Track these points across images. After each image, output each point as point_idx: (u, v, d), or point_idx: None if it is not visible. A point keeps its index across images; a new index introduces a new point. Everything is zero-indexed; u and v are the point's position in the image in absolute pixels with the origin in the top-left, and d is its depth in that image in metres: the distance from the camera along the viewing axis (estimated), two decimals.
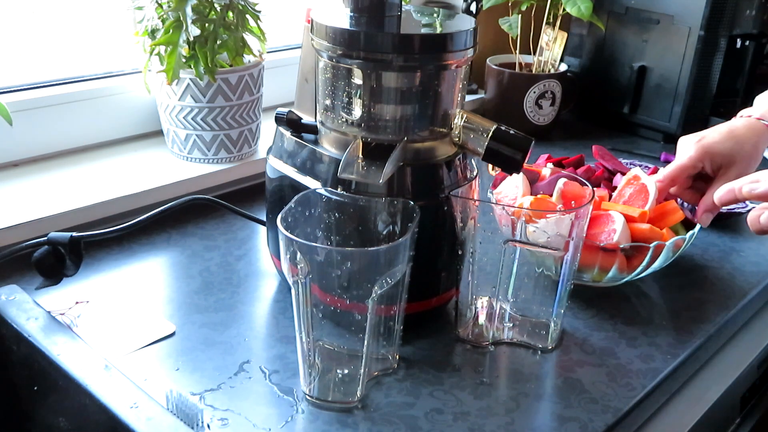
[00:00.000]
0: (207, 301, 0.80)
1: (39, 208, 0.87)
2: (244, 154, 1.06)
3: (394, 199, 0.69)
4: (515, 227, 0.71)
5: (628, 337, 0.78)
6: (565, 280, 0.73)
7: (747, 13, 1.30)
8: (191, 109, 0.99)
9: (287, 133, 0.78)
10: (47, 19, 1.03)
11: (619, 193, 0.90)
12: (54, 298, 0.78)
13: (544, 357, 0.74)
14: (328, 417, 0.65)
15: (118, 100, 1.07)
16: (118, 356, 0.70)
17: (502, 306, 0.75)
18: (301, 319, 0.64)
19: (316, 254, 0.61)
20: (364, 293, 0.62)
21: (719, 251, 0.97)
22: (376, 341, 0.67)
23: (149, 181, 0.97)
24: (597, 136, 1.37)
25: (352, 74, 0.69)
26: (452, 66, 0.70)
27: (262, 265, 0.88)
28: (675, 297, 0.86)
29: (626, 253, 0.81)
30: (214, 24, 0.95)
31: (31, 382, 0.71)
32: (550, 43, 1.36)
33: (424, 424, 0.64)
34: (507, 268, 0.73)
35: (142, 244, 0.92)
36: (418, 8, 0.80)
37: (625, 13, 1.38)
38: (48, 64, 1.03)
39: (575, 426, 0.65)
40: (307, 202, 0.69)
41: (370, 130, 0.71)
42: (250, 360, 0.71)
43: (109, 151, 1.06)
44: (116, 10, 1.07)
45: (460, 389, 0.69)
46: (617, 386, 0.70)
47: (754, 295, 0.88)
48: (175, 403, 0.61)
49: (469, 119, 0.72)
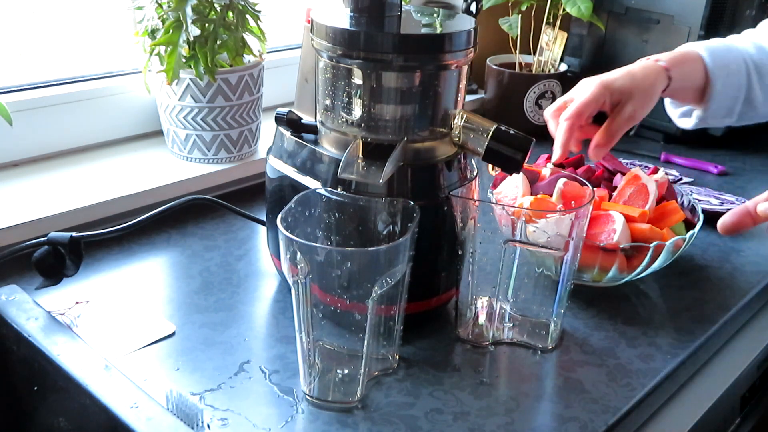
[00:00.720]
0: (207, 301, 0.80)
1: (39, 208, 0.87)
2: (244, 154, 1.06)
3: (394, 199, 0.69)
4: (515, 227, 0.71)
5: (628, 337, 0.78)
6: (565, 280, 0.73)
7: (747, 13, 1.30)
8: (191, 109, 0.99)
9: (287, 133, 0.78)
10: (47, 19, 1.03)
11: (619, 193, 0.90)
12: (54, 298, 0.78)
13: (544, 357, 0.74)
14: (328, 417, 0.65)
15: (118, 100, 1.07)
16: (118, 356, 0.70)
17: (502, 306, 0.75)
18: (301, 319, 0.64)
19: (316, 254, 0.61)
20: (364, 293, 0.62)
21: (719, 251, 0.97)
22: (376, 341, 0.67)
23: (149, 181, 0.97)
24: None
25: (352, 74, 0.69)
26: (452, 66, 0.70)
27: (262, 265, 0.88)
28: (675, 297, 0.86)
29: (626, 253, 0.81)
30: (214, 24, 0.95)
31: (31, 382, 0.71)
32: (550, 43, 1.36)
33: (424, 424, 0.64)
34: (507, 268, 0.73)
35: (142, 244, 0.92)
36: (418, 8, 0.80)
37: (625, 13, 1.38)
38: (48, 64, 1.03)
39: (575, 426, 0.65)
40: (307, 202, 0.69)
41: (370, 130, 0.71)
42: (250, 360, 0.71)
43: (109, 151, 1.06)
44: (116, 10, 1.07)
45: (460, 389, 0.69)
46: (617, 386, 0.70)
47: (754, 295, 0.88)
48: (175, 403, 0.61)
49: (469, 119, 0.72)
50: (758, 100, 0.91)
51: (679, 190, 0.95)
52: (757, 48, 0.91)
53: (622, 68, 0.85)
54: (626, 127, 0.82)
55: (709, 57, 0.87)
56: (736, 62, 0.89)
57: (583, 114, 0.82)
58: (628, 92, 0.81)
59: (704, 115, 0.90)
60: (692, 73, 0.87)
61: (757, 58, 0.90)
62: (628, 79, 0.82)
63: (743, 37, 0.93)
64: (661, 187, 0.90)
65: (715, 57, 0.88)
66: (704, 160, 1.26)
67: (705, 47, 0.89)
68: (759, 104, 0.91)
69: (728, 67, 0.88)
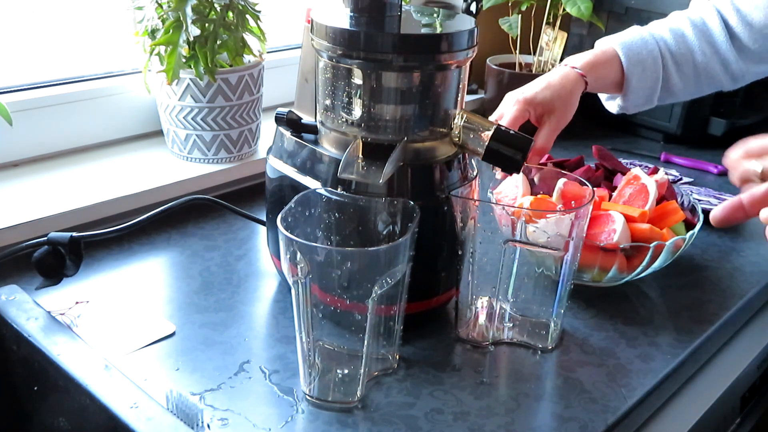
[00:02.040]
0: (207, 301, 0.80)
1: (39, 208, 0.87)
2: (244, 154, 1.06)
3: (394, 199, 0.69)
4: (515, 227, 0.71)
5: (628, 337, 0.78)
6: (565, 280, 0.73)
7: None
8: (191, 109, 0.99)
9: (287, 133, 0.78)
10: (47, 19, 1.03)
11: (619, 193, 0.90)
12: (54, 298, 0.78)
13: (544, 357, 0.74)
14: (328, 417, 0.65)
15: (118, 100, 1.07)
16: (118, 356, 0.70)
17: (502, 306, 0.75)
18: (301, 319, 0.64)
19: (316, 254, 0.61)
20: (364, 293, 0.62)
21: (719, 251, 0.97)
22: (376, 341, 0.67)
23: (149, 181, 0.97)
24: (597, 136, 1.37)
25: (352, 74, 0.69)
26: (452, 66, 0.70)
27: (262, 265, 0.88)
28: (675, 297, 0.86)
29: (626, 253, 0.81)
30: (214, 24, 0.95)
31: (31, 382, 0.71)
32: (550, 43, 1.36)
33: (424, 424, 0.64)
34: (507, 268, 0.73)
35: (142, 244, 0.92)
36: (418, 8, 0.80)
37: (625, 13, 1.38)
38: (48, 64, 1.03)
39: (575, 426, 0.65)
40: (307, 202, 0.69)
41: (370, 130, 0.71)
42: (250, 360, 0.71)
43: (109, 151, 1.06)
44: (116, 10, 1.07)
45: (460, 389, 0.69)
46: (617, 386, 0.70)
47: (754, 295, 0.88)
48: (175, 403, 0.61)
49: (469, 119, 0.72)
50: (677, 87, 0.96)
51: (679, 190, 0.95)
52: (676, 35, 0.95)
53: (541, 78, 0.90)
54: (555, 134, 0.88)
55: (624, 54, 0.92)
56: (651, 56, 0.93)
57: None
58: (550, 104, 0.87)
59: (624, 104, 0.97)
60: (608, 74, 0.93)
61: (674, 47, 0.94)
62: (548, 92, 0.88)
63: (664, 23, 0.97)
64: (661, 187, 0.90)
65: (630, 53, 0.93)
66: (704, 160, 1.26)
67: (620, 43, 0.93)
68: (678, 90, 0.97)
69: (644, 62, 0.93)
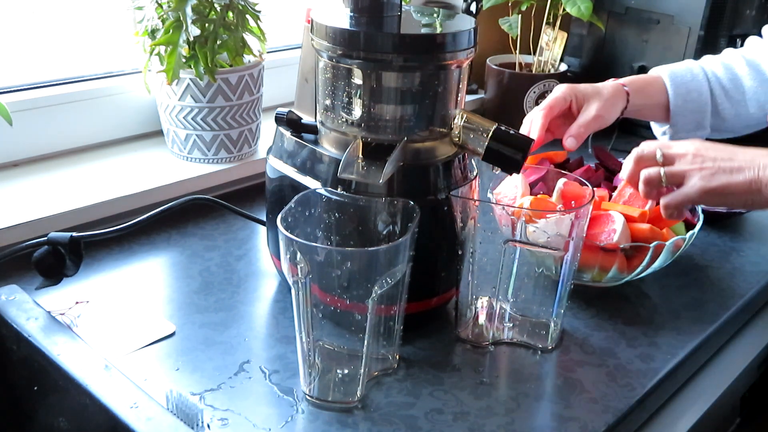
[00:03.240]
0: (207, 301, 0.80)
1: (39, 208, 0.87)
2: (244, 154, 1.06)
3: (394, 199, 0.69)
4: (515, 227, 0.71)
5: (628, 337, 0.78)
6: (565, 280, 0.73)
7: (747, 13, 1.30)
8: (191, 109, 0.99)
9: (287, 133, 0.78)
10: (47, 19, 1.03)
11: (619, 193, 0.90)
12: (54, 298, 0.78)
13: (544, 357, 0.74)
14: (328, 417, 0.65)
15: (118, 100, 1.07)
16: (118, 356, 0.70)
17: (502, 306, 0.75)
18: (301, 319, 0.64)
19: (316, 254, 0.61)
20: (364, 293, 0.62)
21: (719, 251, 0.97)
22: (376, 341, 0.67)
23: (149, 181, 0.97)
24: (597, 136, 1.37)
25: (352, 74, 0.69)
26: (452, 66, 0.70)
27: (262, 265, 0.88)
28: (675, 297, 0.86)
29: (626, 253, 0.81)
30: (214, 24, 0.95)
31: (31, 382, 0.71)
32: (550, 43, 1.36)
33: (424, 424, 0.64)
34: (507, 268, 0.73)
35: (142, 244, 0.92)
36: (418, 8, 0.80)
37: (625, 13, 1.38)
38: (48, 64, 1.03)
39: (575, 426, 0.65)
40: (307, 202, 0.69)
41: (370, 130, 0.71)
42: (250, 360, 0.71)
43: (109, 151, 1.06)
44: (116, 10, 1.07)
45: (460, 389, 0.69)
46: (617, 386, 0.70)
47: (754, 294, 0.88)
48: (175, 403, 0.61)
49: (469, 119, 0.72)
50: (727, 112, 1.00)
51: None
52: (725, 67, 1.01)
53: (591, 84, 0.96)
54: (593, 125, 0.90)
55: (669, 77, 0.99)
56: (696, 80, 0.99)
57: (554, 108, 0.91)
58: (592, 96, 0.92)
59: (673, 129, 1.00)
60: (653, 94, 0.98)
61: (723, 75, 1.00)
62: (592, 89, 0.93)
63: (713, 59, 1.03)
64: None
65: (675, 77, 0.99)
66: None
67: (668, 70, 1.00)
68: (729, 116, 1.00)
69: (687, 84, 0.98)
